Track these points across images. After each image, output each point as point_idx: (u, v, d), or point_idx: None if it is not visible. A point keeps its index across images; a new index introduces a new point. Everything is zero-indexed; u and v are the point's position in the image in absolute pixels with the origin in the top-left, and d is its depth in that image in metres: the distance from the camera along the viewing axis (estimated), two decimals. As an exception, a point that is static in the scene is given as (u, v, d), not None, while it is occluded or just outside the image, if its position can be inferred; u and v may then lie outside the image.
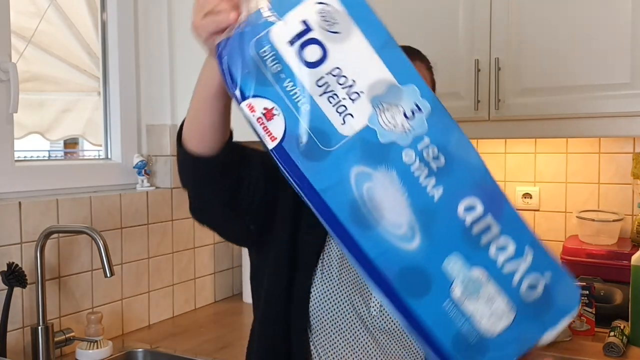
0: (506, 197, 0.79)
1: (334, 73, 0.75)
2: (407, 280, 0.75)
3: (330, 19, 0.76)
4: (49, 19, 1.75)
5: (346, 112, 0.75)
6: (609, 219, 1.96)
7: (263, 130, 0.75)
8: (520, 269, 0.77)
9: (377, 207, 0.75)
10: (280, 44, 0.75)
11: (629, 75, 1.65)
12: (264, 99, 0.75)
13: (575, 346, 1.55)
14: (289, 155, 0.74)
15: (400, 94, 0.77)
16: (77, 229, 1.51)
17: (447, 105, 1.80)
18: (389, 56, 0.78)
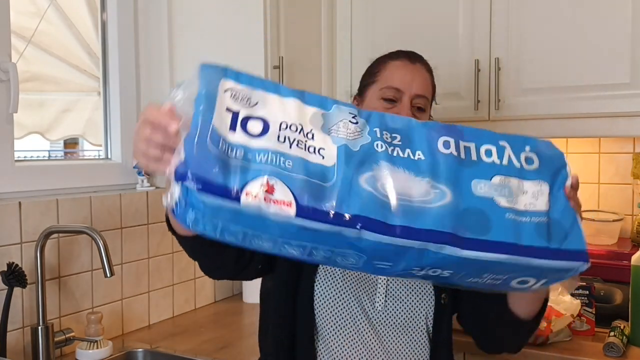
0: (458, 125, 0.87)
1: (283, 127, 0.78)
2: (470, 222, 0.80)
3: (242, 97, 0.78)
4: (49, 19, 1.75)
5: (317, 149, 0.78)
6: (609, 219, 1.96)
7: (275, 204, 0.73)
8: (510, 154, 0.90)
9: (403, 193, 0.78)
10: (227, 134, 0.75)
11: (629, 75, 1.65)
12: (255, 180, 0.74)
13: (575, 346, 1.55)
14: (314, 209, 0.74)
15: (335, 115, 0.82)
16: (77, 229, 1.51)
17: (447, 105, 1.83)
18: (302, 97, 0.83)
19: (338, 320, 1.11)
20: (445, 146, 0.83)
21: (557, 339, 1.57)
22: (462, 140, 0.85)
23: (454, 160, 0.82)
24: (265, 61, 1.72)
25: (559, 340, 1.57)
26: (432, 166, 0.81)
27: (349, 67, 2.10)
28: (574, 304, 1.59)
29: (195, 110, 0.74)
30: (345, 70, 2.11)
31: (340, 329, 1.11)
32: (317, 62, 2.03)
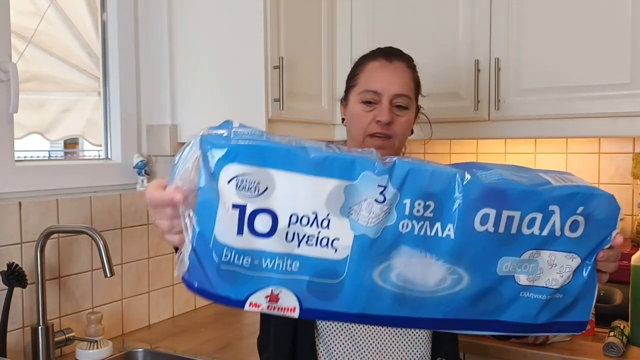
0: (509, 183, 0.78)
1: (293, 221, 0.73)
2: (483, 306, 0.77)
3: (249, 184, 0.71)
4: (49, 19, 1.75)
5: (330, 240, 0.74)
6: (609, 219, 1.96)
7: (278, 310, 0.75)
8: (555, 221, 0.78)
9: (416, 283, 0.76)
10: (232, 240, 0.72)
11: (629, 75, 1.65)
12: (259, 292, 0.74)
13: (575, 346, 1.55)
14: (316, 310, 0.75)
15: (360, 189, 0.74)
16: (77, 229, 1.51)
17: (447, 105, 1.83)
18: (322, 167, 0.73)
19: (340, 323, 1.11)
20: (483, 221, 0.76)
21: (557, 339, 1.57)
22: (505, 210, 0.76)
23: (487, 239, 0.76)
24: (265, 61, 1.72)
25: (558, 340, 1.57)
26: (459, 248, 0.76)
27: (349, 67, 2.09)
28: (574, 304, 1.59)
29: (197, 218, 0.71)
30: (345, 70, 2.09)
31: (341, 330, 1.11)
32: (317, 62, 2.03)
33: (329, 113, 2.10)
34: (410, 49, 1.97)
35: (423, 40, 1.96)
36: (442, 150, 2.36)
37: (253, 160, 0.71)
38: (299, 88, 1.89)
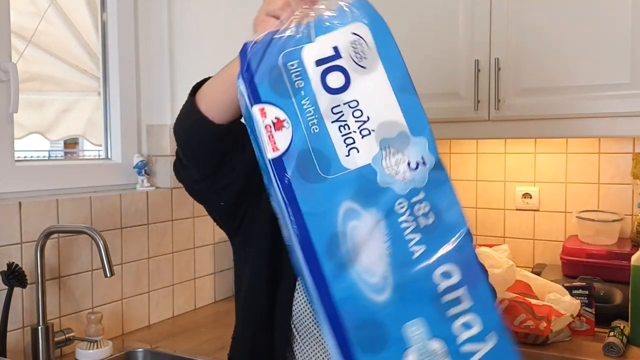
0: (485, 275, 0.78)
1: (352, 105, 0.76)
2: (364, 334, 0.73)
3: (360, 52, 0.77)
4: (49, 19, 1.76)
5: (353, 145, 0.75)
6: (609, 219, 1.96)
7: (268, 138, 0.75)
8: (480, 352, 0.76)
9: (356, 248, 0.73)
10: (309, 62, 0.76)
11: (629, 75, 1.66)
12: (278, 109, 0.75)
13: (575, 346, 1.55)
14: (285, 169, 0.74)
15: (410, 143, 0.77)
16: (77, 229, 1.51)
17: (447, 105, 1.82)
18: (407, 102, 0.78)
19: (317, 334, 1.04)
20: (444, 275, 0.76)
21: (556, 339, 1.57)
22: (465, 288, 0.76)
23: (432, 294, 0.75)
24: (265, 61, 1.72)
25: (558, 340, 1.57)
26: (411, 271, 0.74)
27: (349, 67, 2.10)
28: (574, 304, 1.59)
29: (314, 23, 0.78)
30: (345, 70, 2.11)
31: (318, 343, 1.05)
32: (317, 62, 2.03)
33: (329, 113, 2.10)
34: (410, 49, 1.98)
35: (423, 40, 1.96)
36: (442, 150, 2.34)
37: (381, 42, 0.79)
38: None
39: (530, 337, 1.54)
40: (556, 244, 2.12)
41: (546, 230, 2.17)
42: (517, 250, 2.20)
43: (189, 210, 1.95)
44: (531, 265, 2.17)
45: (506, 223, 2.24)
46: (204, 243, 2.03)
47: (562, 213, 2.14)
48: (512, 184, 2.23)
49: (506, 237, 2.24)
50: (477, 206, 2.29)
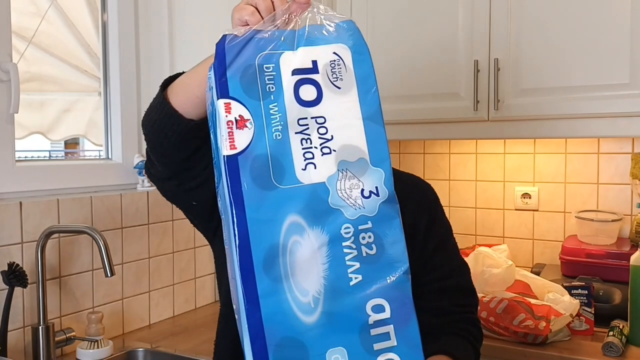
0: (415, 317, 0.77)
1: (318, 120, 0.76)
2: (285, 353, 0.71)
3: (337, 72, 0.78)
4: (49, 19, 1.76)
5: (311, 160, 0.75)
6: (608, 219, 1.96)
7: (228, 134, 0.74)
8: None
9: (294, 264, 0.72)
10: (286, 70, 0.76)
11: (628, 76, 1.66)
12: (244, 107, 0.74)
13: (574, 346, 1.56)
14: (238, 170, 0.73)
15: (367, 171, 0.77)
16: (77, 229, 1.51)
17: (446, 105, 1.81)
18: (373, 131, 0.78)
19: None
20: (375, 309, 0.75)
21: (556, 338, 1.57)
22: (394, 326, 0.76)
23: (360, 324, 0.74)
24: (265, 61, 1.72)
25: (558, 339, 1.57)
26: (344, 298, 0.74)
27: (349, 67, 2.10)
28: (573, 304, 1.59)
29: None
30: (345, 71, 2.11)
31: None
32: (317, 63, 2.03)
33: (328, 113, 2.10)
34: (410, 49, 1.99)
35: (423, 40, 1.97)
36: (441, 150, 2.36)
37: (359, 68, 0.79)
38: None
39: (530, 336, 1.54)
40: (555, 244, 2.12)
41: (545, 230, 2.17)
42: (517, 250, 2.20)
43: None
44: (530, 265, 2.17)
45: (505, 223, 2.25)
46: (204, 243, 2.02)
47: (561, 213, 2.14)
48: (512, 184, 2.23)
49: (505, 237, 2.24)
50: (476, 206, 2.30)
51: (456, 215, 2.31)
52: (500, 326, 1.58)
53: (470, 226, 2.31)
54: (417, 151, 2.42)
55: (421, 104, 1.97)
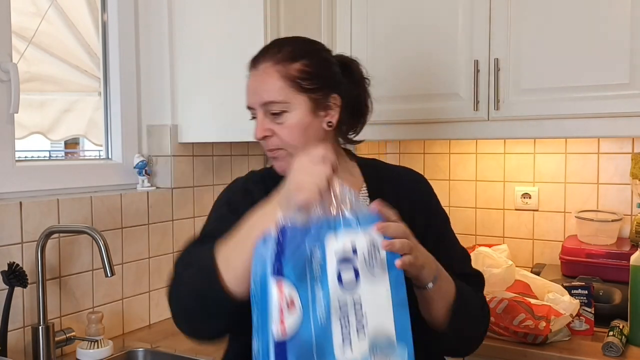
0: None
1: (356, 305, 0.83)
2: None
3: (373, 259, 0.85)
4: (49, 19, 1.76)
5: (349, 342, 0.82)
6: (608, 219, 1.96)
7: (279, 314, 0.80)
8: None
9: None
10: (331, 254, 0.83)
11: (628, 76, 1.66)
12: (294, 290, 0.81)
13: (574, 346, 1.56)
14: (286, 356, 0.80)
15: (394, 351, 0.84)
16: (77, 229, 1.52)
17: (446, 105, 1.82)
18: (400, 315, 0.85)
19: None
20: None
21: (556, 338, 1.57)
22: None
23: None
24: (265, 61, 1.72)
25: (558, 339, 1.57)
26: None
27: (349, 67, 2.10)
28: (573, 304, 1.60)
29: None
30: (345, 71, 2.11)
31: None
32: (317, 63, 2.03)
33: (328, 113, 2.10)
34: (409, 49, 1.99)
35: (423, 41, 1.97)
36: (441, 150, 2.36)
37: (390, 258, 0.87)
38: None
39: (530, 336, 1.54)
40: (555, 244, 2.12)
41: (545, 230, 2.17)
42: (517, 250, 2.20)
43: (189, 210, 1.95)
44: (530, 265, 2.17)
45: (505, 223, 2.25)
46: (204, 243, 2.03)
47: (561, 213, 2.14)
48: (512, 184, 2.23)
49: (505, 237, 2.24)
50: (476, 206, 2.30)
51: (456, 215, 2.31)
52: (500, 326, 1.58)
53: (470, 226, 2.31)
54: (417, 151, 2.42)
55: (421, 104, 1.97)
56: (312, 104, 1.11)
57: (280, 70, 1.11)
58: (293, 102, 1.10)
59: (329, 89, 1.13)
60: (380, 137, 2.10)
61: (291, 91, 1.10)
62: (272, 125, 1.11)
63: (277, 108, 1.10)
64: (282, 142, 1.11)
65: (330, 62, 1.17)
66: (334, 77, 1.15)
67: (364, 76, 1.22)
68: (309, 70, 1.11)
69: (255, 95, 1.12)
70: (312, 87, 1.11)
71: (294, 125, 1.11)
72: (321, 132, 1.14)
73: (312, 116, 1.12)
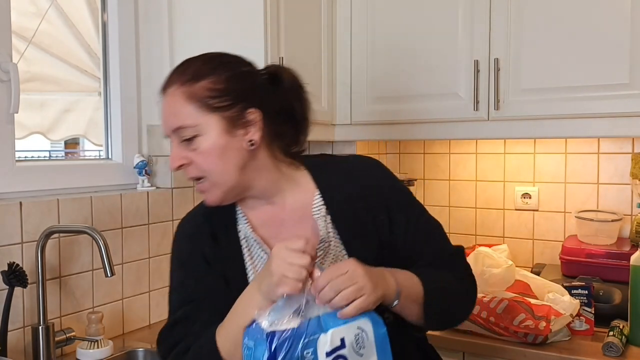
0: None
1: None
2: None
3: (361, 342, 0.90)
4: (49, 19, 1.76)
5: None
6: (608, 219, 1.96)
7: None
8: None
9: None
10: (321, 353, 0.87)
11: (628, 76, 1.66)
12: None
13: (575, 346, 1.56)
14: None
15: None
16: (77, 229, 1.52)
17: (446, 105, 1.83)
18: None
19: None
20: None
21: (556, 338, 1.57)
22: None
23: None
24: (265, 61, 1.72)
25: (558, 339, 1.57)
26: None
27: (349, 67, 2.11)
28: (573, 304, 1.60)
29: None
30: (345, 70, 2.12)
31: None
32: (317, 62, 2.03)
33: (329, 113, 2.11)
34: (409, 49, 1.99)
35: (423, 41, 1.97)
36: (441, 150, 2.36)
37: (379, 338, 0.93)
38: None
39: (530, 336, 1.54)
40: (555, 244, 2.12)
41: (545, 230, 2.17)
42: (517, 250, 2.20)
43: (189, 210, 1.95)
44: (530, 265, 2.17)
45: (505, 223, 2.25)
46: (204, 243, 2.03)
47: (561, 213, 2.14)
48: (512, 184, 2.23)
49: (505, 237, 2.24)
50: (476, 206, 2.30)
51: (456, 215, 2.31)
52: (500, 326, 1.58)
53: (470, 226, 2.31)
54: (417, 151, 2.42)
55: (421, 104, 1.97)
56: (225, 124, 1.02)
57: (186, 91, 1.02)
58: (204, 125, 1.01)
59: (245, 103, 1.03)
60: (380, 137, 2.10)
61: (200, 112, 1.01)
62: (186, 153, 1.03)
63: (188, 133, 1.01)
64: (200, 170, 1.04)
65: (245, 74, 1.07)
66: (251, 90, 1.05)
67: (299, 84, 1.11)
68: (217, 87, 1.02)
69: (166, 123, 1.04)
70: (223, 105, 1.02)
71: (209, 149, 1.02)
72: (244, 153, 1.04)
73: (228, 136, 1.02)
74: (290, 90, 1.10)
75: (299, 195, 1.12)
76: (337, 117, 2.14)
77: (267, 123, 1.05)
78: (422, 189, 2.36)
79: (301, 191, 1.12)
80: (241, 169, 1.05)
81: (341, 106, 2.12)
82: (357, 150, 2.26)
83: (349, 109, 2.11)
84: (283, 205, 1.12)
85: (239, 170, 1.04)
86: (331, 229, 1.09)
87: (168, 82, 1.05)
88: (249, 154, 1.05)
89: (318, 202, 1.11)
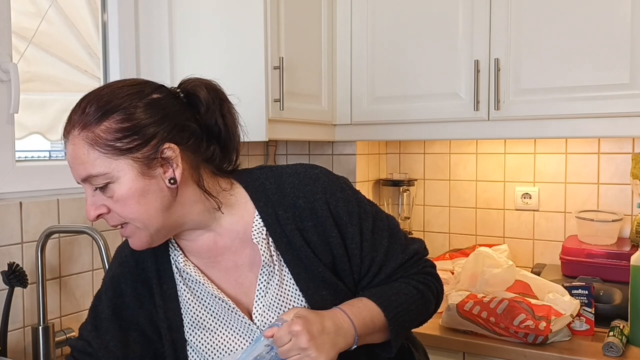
0: None
1: None
2: None
3: None
4: (49, 19, 1.76)
5: None
6: (608, 219, 1.96)
7: None
8: None
9: None
10: None
11: (628, 76, 1.66)
12: None
13: (575, 346, 1.56)
14: None
15: None
16: (77, 229, 1.51)
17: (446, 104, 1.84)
18: None
19: None
20: None
21: (556, 338, 1.57)
22: None
23: None
24: (265, 61, 1.73)
25: (558, 340, 1.57)
26: None
27: (349, 67, 2.11)
28: (574, 304, 1.60)
29: None
30: (345, 70, 2.12)
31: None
32: (317, 62, 2.03)
33: (328, 113, 2.11)
34: (409, 50, 1.99)
35: (423, 41, 1.97)
36: (441, 150, 2.36)
37: None
38: (299, 88, 1.89)
39: (530, 336, 1.54)
40: (556, 244, 2.12)
41: (545, 230, 2.17)
42: (517, 250, 2.20)
43: (189, 210, 1.95)
44: (531, 265, 2.17)
45: (506, 223, 2.25)
46: (204, 243, 2.03)
47: (561, 213, 2.14)
48: (512, 184, 2.23)
49: (506, 237, 2.24)
50: (476, 206, 2.30)
51: (456, 215, 2.31)
52: (500, 326, 1.58)
53: (471, 226, 2.31)
54: (417, 151, 2.42)
55: (421, 104, 1.97)
56: (139, 166, 0.92)
57: (88, 136, 0.91)
58: (115, 171, 0.91)
59: (157, 139, 0.92)
60: (380, 137, 2.10)
61: (108, 158, 0.91)
62: (103, 201, 0.95)
63: (99, 181, 0.92)
64: (121, 218, 0.97)
65: (154, 104, 0.94)
66: (163, 122, 0.94)
67: (220, 98, 1.03)
68: (123, 126, 0.91)
69: (73, 171, 0.94)
70: (133, 146, 0.91)
71: (125, 196, 0.93)
72: (165, 193, 0.95)
73: (145, 179, 0.93)
74: (211, 108, 1.00)
75: (237, 219, 1.03)
76: (337, 117, 2.14)
77: (188, 153, 0.96)
78: (422, 189, 2.36)
79: (239, 214, 1.04)
80: (166, 210, 0.95)
81: (341, 106, 2.12)
82: (357, 150, 2.26)
83: (349, 109, 2.11)
84: (220, 231, 1.04)
85: (164, 212, 0.95)
86: (274, 252, 1.02)
87: (67, 127, 0.94)
88: (171, 192, 0.95)
89: (258, 225, 1.02)
